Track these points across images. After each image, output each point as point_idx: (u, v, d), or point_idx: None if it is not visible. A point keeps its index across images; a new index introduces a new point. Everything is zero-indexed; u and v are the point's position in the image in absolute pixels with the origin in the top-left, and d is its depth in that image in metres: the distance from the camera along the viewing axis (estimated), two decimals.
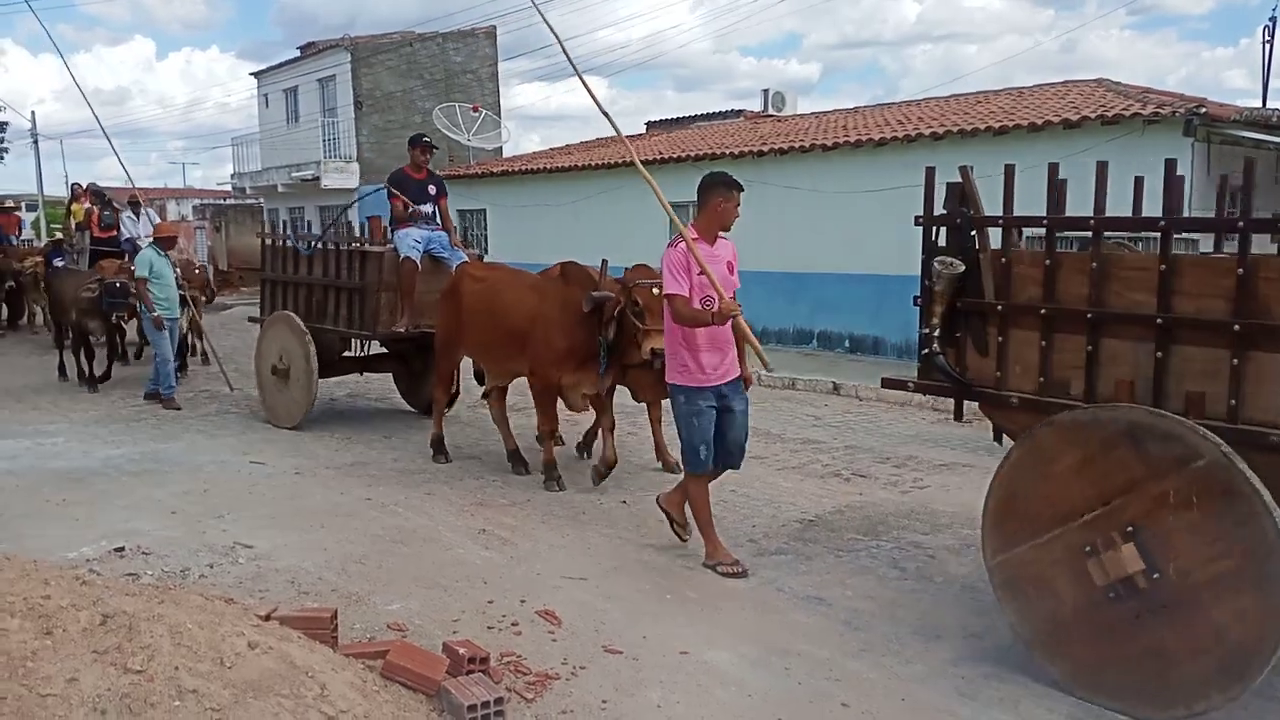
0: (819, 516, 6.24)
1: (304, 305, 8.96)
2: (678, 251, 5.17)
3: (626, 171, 16.19)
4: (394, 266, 8.23)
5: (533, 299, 6.94)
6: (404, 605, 4.70)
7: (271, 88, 27.95)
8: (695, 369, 5.15)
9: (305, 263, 9.02)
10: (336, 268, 8.63)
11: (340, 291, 8.58)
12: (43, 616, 3.04)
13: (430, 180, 8.73)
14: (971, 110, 13.50)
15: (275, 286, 9.44)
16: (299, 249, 9.12)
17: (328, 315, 8.74)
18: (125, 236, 14.26)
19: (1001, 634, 4.40)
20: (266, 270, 9.58)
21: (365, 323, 8.38)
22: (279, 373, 8.85)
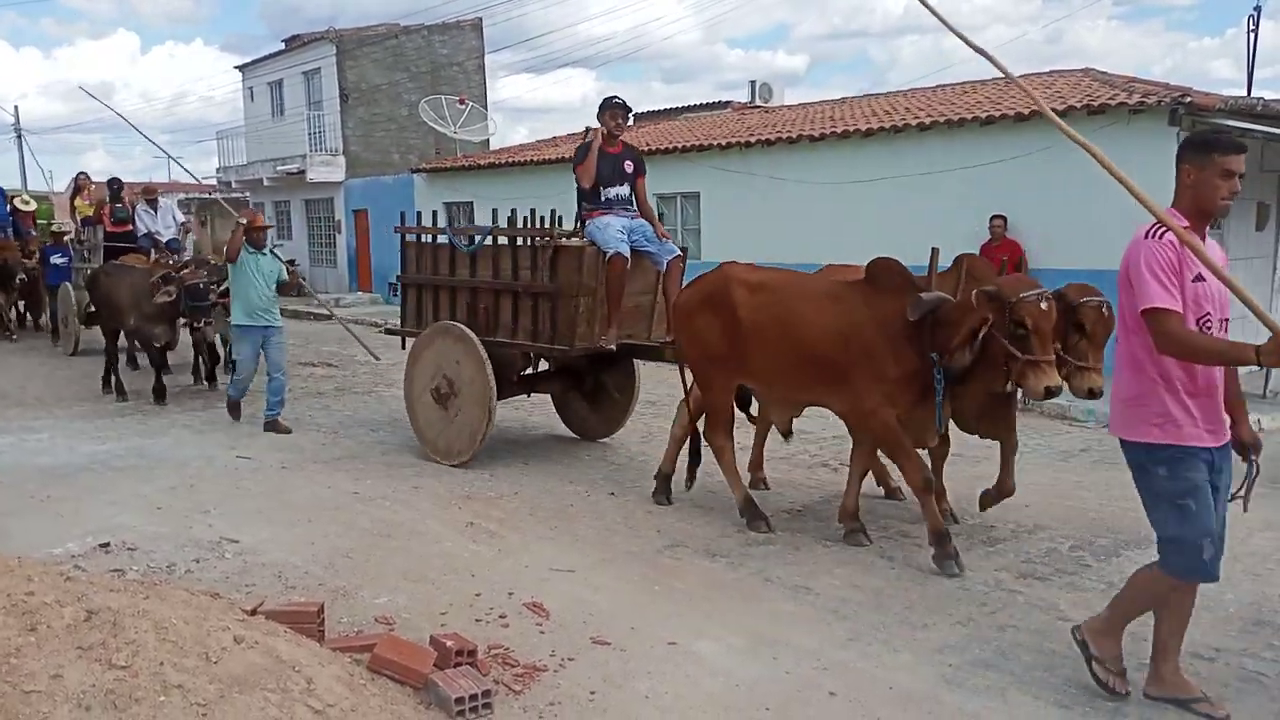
0: (806, 506, 6.26)
1: (467, 314, 7.43)
2: (1162, 245, 3.50)
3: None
4: (595, 265, 6.78)
5: (836, 312, 5.34)
6: (391, 599, 4.69)
7: (256, 81, 27.78)
8: (1185, 419, 3.46)
9: (467, 261, 7.46)
10: (515, 267, 7.10)
11: (521, 297, 7.07)
12: (27, 613, 3.02)
13: (626, 155, 7.15)
14: (958, 100, 13.51)
15: (424, 292, 7.84)
16: (457, 244, 7.52)
17: (502, 326, 7.23)
18: (143, 232, 13.05)
19: (988, 623, 4.43)
20: (410, 272, 7.97)
21: (558, 335, 6.87)
22: (441, 397, 7.30)
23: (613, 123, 6.97)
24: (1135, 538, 5.47)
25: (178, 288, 9.22)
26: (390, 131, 25.39)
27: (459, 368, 7.20)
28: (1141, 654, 3.88)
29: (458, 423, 7.25)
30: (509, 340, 7.22)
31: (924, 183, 12.10)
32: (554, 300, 6.85)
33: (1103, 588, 4.82)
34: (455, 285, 7.54)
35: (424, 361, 7.51)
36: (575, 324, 6.82)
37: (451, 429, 7.31)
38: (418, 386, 7.58)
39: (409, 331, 7.94)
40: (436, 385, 7.34)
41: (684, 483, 6.33)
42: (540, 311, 6.97)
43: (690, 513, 6.10)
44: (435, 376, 7.35)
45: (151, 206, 13.29)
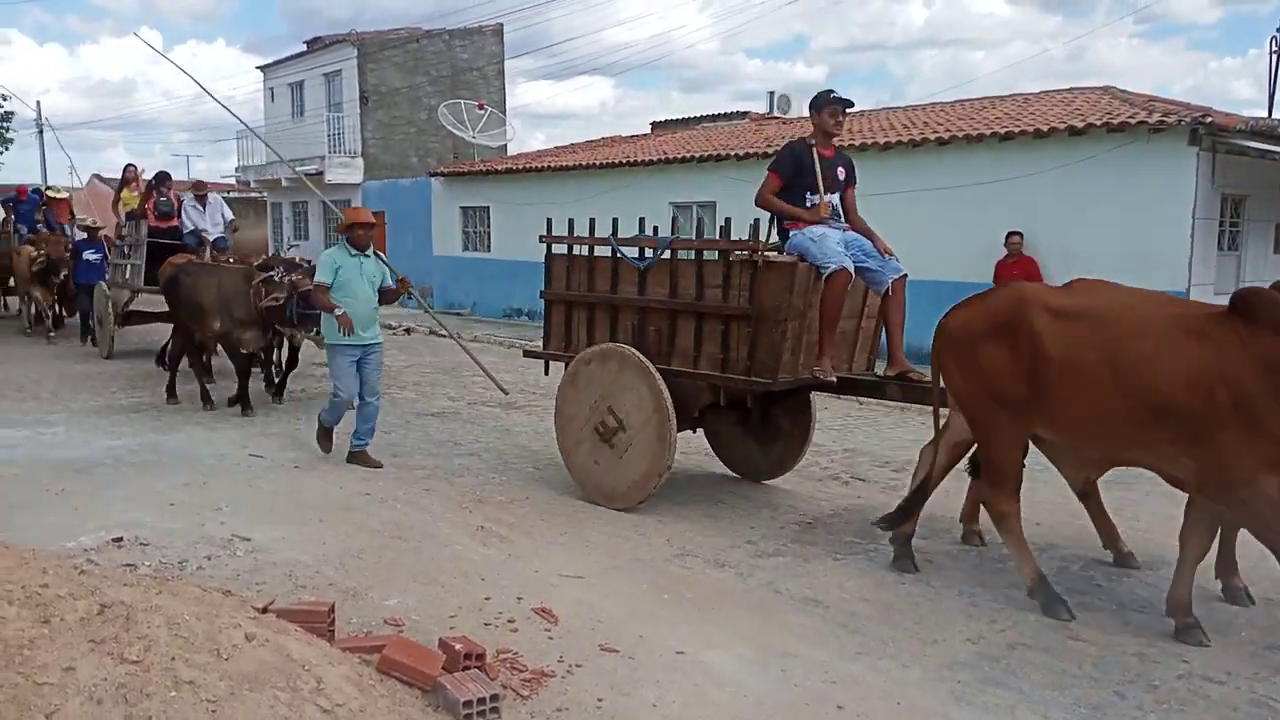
0: (817, 519, 6.24)
1: (632, 337, 6.40)
2: None
3: (630, 171, 16.23)
4: (807, 284, 5.81)
5: (1201, 353, 4.26)
6: (401, 600, 4.69)
7: (277, 82, 27.96)
8: None
9: (634, 277, 6.39)
10: (700, 285, 6.05)
11: (708, 319, 6.05)
12: (40, 605, 3.03)
13: (839, 160, 6.32)
14: (977, 116, 13.51)
15: (575, 311, 6.81)
16: (625, 257, 6.47)
17: (679, 353, 6.20)
18: (189, 229, 12.27)
19: (999, 640, 4.41)
20: (556, 287, 6.92)
21: (757, 365, 5.83)
22: (606, 432, 6.33)
23: (832, 120, 6.09)
24: (1146, 558, 5.43)
25: (289, 292, 8.42)
26: (409, 135, 25.51)
27: (629, 399, 6.20)
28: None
29: (626, 462, 6.27)
30: (689, 370, 6.16)
31: (941, 197, 12.09)
32: (753, 324, 5.82)
33: (1113, 607, 4.80)
34: (618, 303, 6.51)
35: (583, 391, 6.49)
36: (779, 353, 5.78)
37: (619, 470, 6.31)
38: (575, 420, 6.56)
39: (555, 355, 6.96)
40: (600, 419, 6.34)
41: (879, 521, 5.48)
42: (733, 337, 5.93)
43: (700, 522, 6.09)
44: (598, 409, 6.35)
45: (200, 203, 12.57)
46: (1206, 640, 4.37)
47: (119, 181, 14.22)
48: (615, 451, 6.32)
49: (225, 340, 9.26)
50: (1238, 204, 11.58)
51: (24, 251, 14.85)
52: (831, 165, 6.18)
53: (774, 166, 6.15)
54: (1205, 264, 10.77)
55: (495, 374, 8.84)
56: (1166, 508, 6.47)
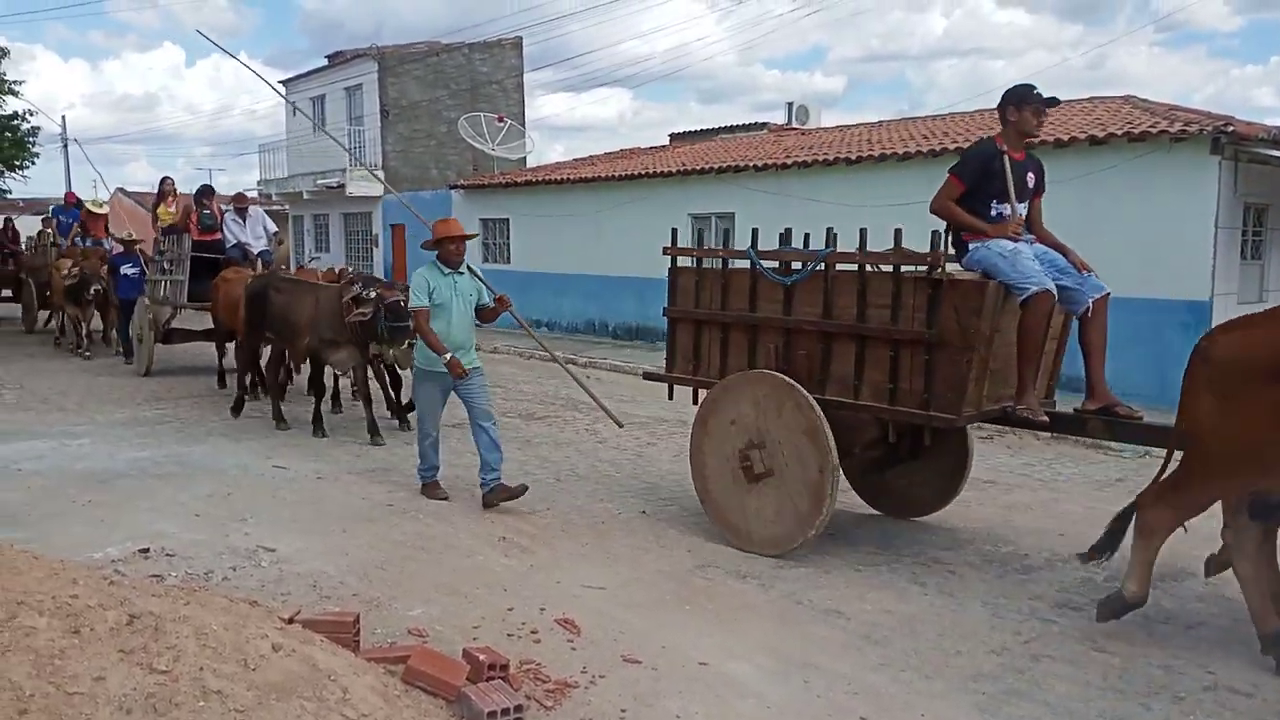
0: (839, 530, 6.22)
1: (780, 362, 5.71)
2: None
3: (649, 182, 16.28)
4: (996, 305, 5.07)
5: None
6: (425, 611, 4.72)
7: (299, 96, 28.21)
8: None
9: (778, 294, 5.75)
10: (863, 304, 5.38)
11: (872, 344, 5.35)
12: (70, 615, 3.07)
13: (1030, 165, 5.54)
14: (997, 125, 13.45)
15: (705, 331, 6.19)
16: (766, 272, 5.81)
17: (834, 381, 5.52)
18: (232, 242, 12.06)
19: (1023, 652, 4.39)
20: (685, 304, 6.29)
21: (938, 398, 5.11)
22: (752, 469, 5.64)
23: (1034, 120, 5.38)
24: (1171, 570, 5.40)
25: (376, 306, 8.01)
26: (429, 148, 25.70)
27: (781, 432, 5.53)
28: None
29: (777, 503, 5.59)
30: (847, 400, 5.48)
31: None
32: (932, 351, 5.11)
33: (1139, 619, 4.76)
34: (758, 323, 5.87)
35: (724, 421, 5.82)
36: (964, 385, 5.03)
37: (768, 511, 5.63)
38: (714, 453, 5.91)
39: (681, 379, 6.40)
40: (746, 454, 5.67)
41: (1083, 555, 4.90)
42: (905, 365, 5.22)
43: (721, 534, 6.08)
44: (742, 442, 5.70)
45: (240, 216, 12.34)
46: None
47: (155, 195, 14.04)
48: (763, 491, 5.62)
49: (314, 358, 8.88)
50: (1260, 213, 11.49)
51: (60, 265, 14.69)
52: (1022, 170, 5.43)
53: (957, 170, 5.45)
54: (1228, 273, 10.69)
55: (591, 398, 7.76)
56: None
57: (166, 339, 12.34)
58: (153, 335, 12.21)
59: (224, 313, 10.78)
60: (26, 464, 7.62)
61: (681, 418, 10.09)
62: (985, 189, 5.38)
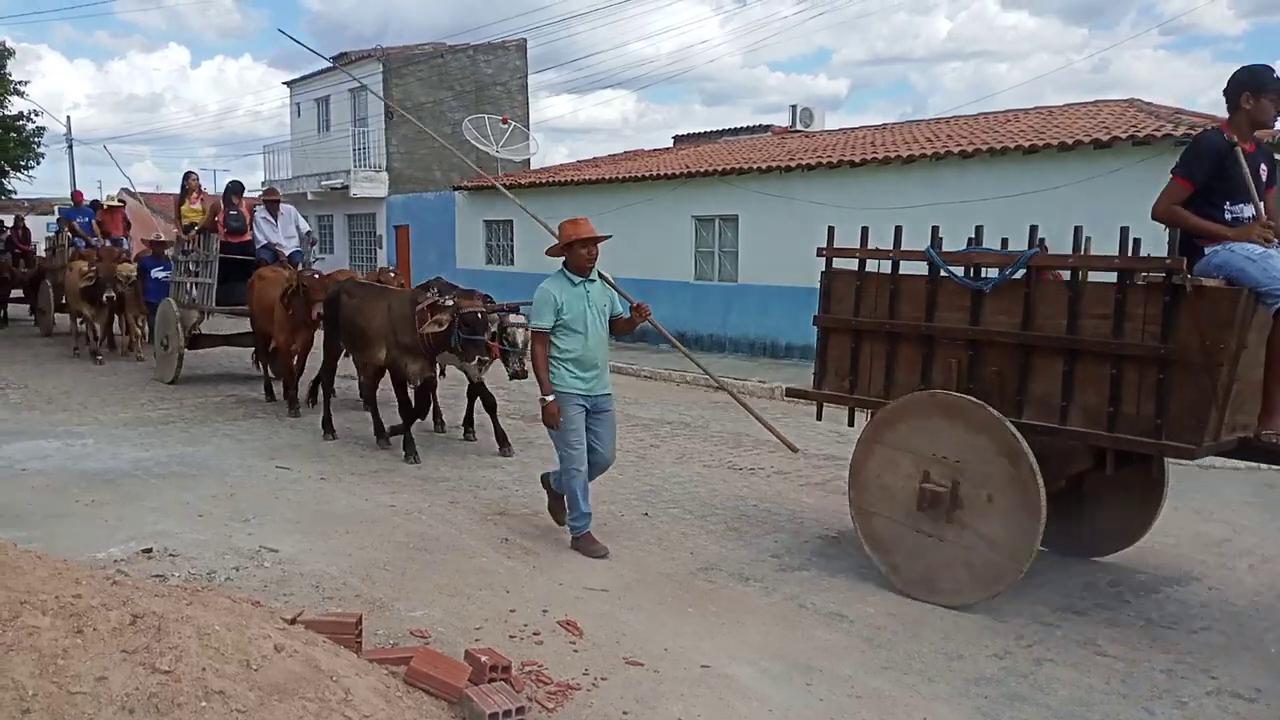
0: (842, 533, 6.22)
1: (963, 380, 5.01)
2: None
3: (653, 185, 16.29)
4: (1248, 316, 4.35)
5: None
6: (427, 612, 4.72)
7: (304, 97, 28.28)
8: None
9: (965, 300, 5.05)
10: (1077, 313, 4.64)
11: (1086, 359, 4.63)
12: (74, 615, 3.07)
13: (1260, 157, 4.82)
14: (1001, 129, 13.47)
15: (866, 342, 5.48)
16: (951, 276, 5.12)
17: (1034, 402, 4.80)
18: (262, 243, 11.34)
19: (1025, 656, 4.39)
20: (842, 311, 5.59)
21: (1176, 424, 4.41)
22: (934, 504, 4.91)
23: (1274, 110, 4.63)
24: (1176, 573, 5.39)
25: (452, 316, 7.51)
26: (433, 149, 25.72)
27: (973, 461, 4.78)
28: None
29: (966, 544, 4.82)
30: (1051, 424, 4.74)
31: (965, 211, 12.03)
32: (1167, 369, 4.42)
33: (1141, 623, 4.76)
34: (934, 334, 5.16)
35: (898, 448, 5.09)
36: (1206, 409, 4.35)
37: (955, 554, 4.87)
38: (884, 486, 5.17)
39: (835, 398, 5.69)
40: (926, 487, 4.93)
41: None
42: (1131, 386, 4.52)
43: (724, 536, 6.09)
44: (922, 473, 4.97)
45: (271, 214, 11.51)
46: None
47: (179, 193, 13.31)
48: (948, 530, 4.87)
49: (393, 370, 8.28)
50: None
51: (76, 267, 14.00)
52: (1254, 164, 4.72)
53: (1183, 170, 4.77)
54: None
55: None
56: (1195, 523, 6.42)
57: (193, 344, 11.76)
58: (181, 341, 11.54)
59: (260, 316, 10.37)
60: (31, 464, 7.64)
61: (684, 419, 10.11)
62: (1219, 190, 4.70)
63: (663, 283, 15.88)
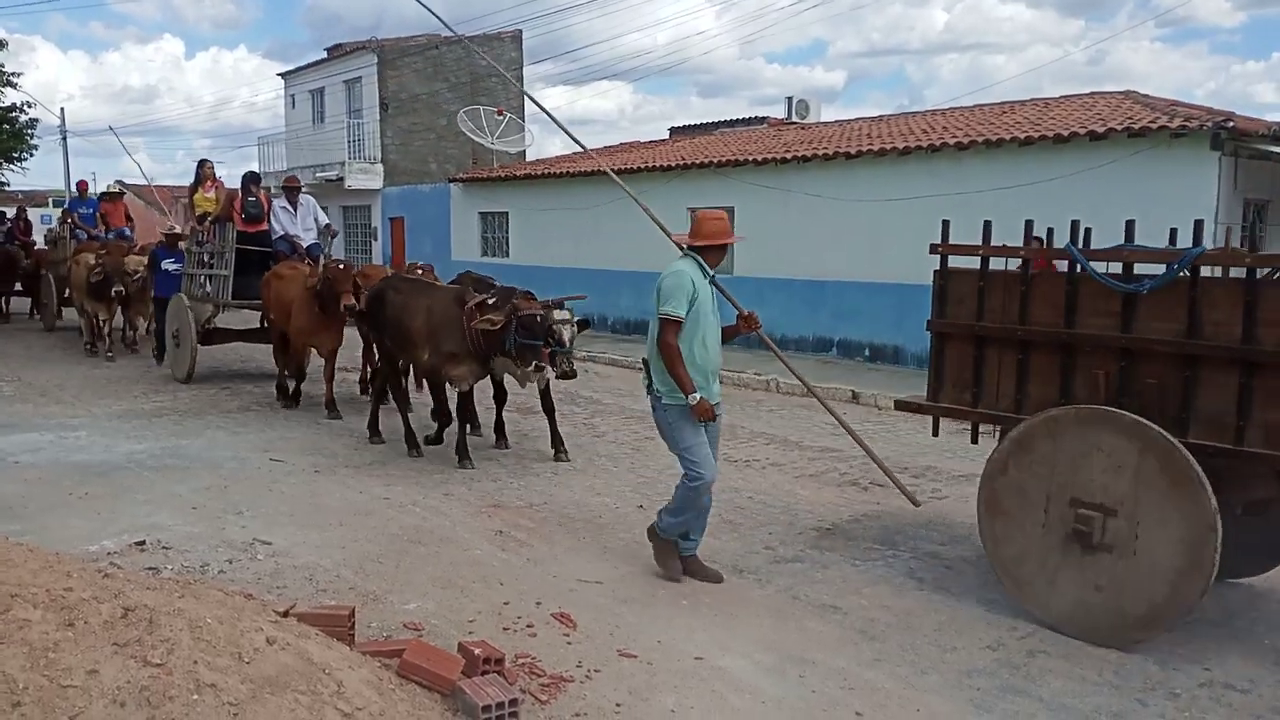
0: (836, 525, 6.23)
1: (1112, 393, 4.51)
2: None
3: (649, 176, 16.26)
4: None
5: None
6: (420, 605, 4.72)
7: (298, 88, 28.16)
8: None
9: (1115, 305, 4.53)
10: (1253, 321, 4.13)
11: (1274, 372, 4.12)
12: (65, 608, 3.06)
13: None
14: (997, 120, 13.46)
15: (998, 351, 4.97)
16: (1097, 276, 4.57)
17: (1207, 420, 4.30)
18: (279, 233, 10.87)
19: (1019, 647, 4.39)
20: (962, 315, 5.11)
21: None
22: (1088, 534, 4.39)
23: None
24: None
25: (508, 317, 7.02)
26: (429, 141, 25.66)
27: (1135, 488, 4.27)
28: None
29: (1126, 579, 4.32)
30: (1224, 445, 4.23)
31: (960, 202, 12.03)
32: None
33: None
34: (1076, 342, 4.66)
35: (1042, 470, 4.57)
36: None
37: (1113, 588, 4.36)
38: (1025, 511, 4.65)
39: (956, 412, 5.23)
40: (1078, 514, 4.43)
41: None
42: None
43: (718, 528, 6.08)
44: (1071, 498, 4.46)
45: (290, 203, 11.01)
46: None
47: (192, 181, 12.75)
48: (1100, 562, 4.39)
49: (432, 374, 7.80)
50: (1260, 209, 11.48)
51: (82, 260, 13.50)
52: None
53: None
54: None
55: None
56: None
57: (206, 340, 11.26)
58: (193, 336, 11.02)
59: (277, 313, 9.99)
60: (24, 456, 7.62)
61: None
62: None
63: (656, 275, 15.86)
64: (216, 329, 11.47)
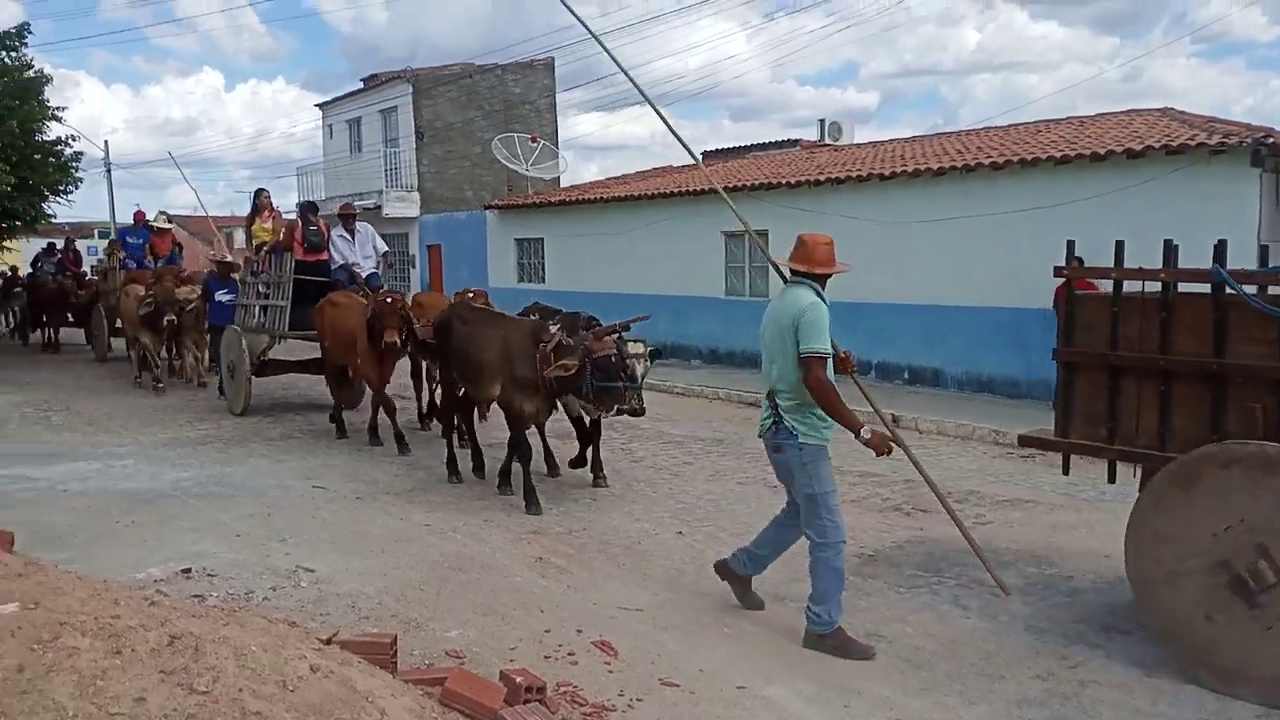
0: (879, 551, 6.16)
1: (1273, 427, 4.14)
2: None
3: (681, 200, 16.30)
4: None
5: None
6: (462, 632, 4.72)
7: (335, 118, 28.61)
8: None
9: (1273, 331, 4.17)
10: None
11: None
12: (112, 636, 3.09)
13: None
14: (1032, 140, 13.36)
15: (1135, 382, 4.60)
16: (1251, 301, 4.20)
17: None
18: (338, 262, 10.57)
19: (1069, 677, 4.31)
20: (1094, 343, 4.77)
21: None
22: (1253, 585, 3.99)
23: None
24: None
25: (582, 360, 6.59)
26: (464, 168, 25.92)
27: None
28: None
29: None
30: None
31: (996, 223, 11.96)
32: None
33: None
34: (1228, 373, 4.27)
35: (1202, 512, 4.13)
36: None
37: (1273, 644, 3.98)
38: (1179, 556, 4.22)
39: (1089, 447, 4.85)
40: (1242, 562, 4.02)
41: None
42: None
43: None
44: (1235, 545, 4.04)
45: (348, 231, 10.77)
46: None
47: (249, 211, 12.57)
48: (1268, 616, 3.98)
49: (507, 409, 7.36)
50: None
51: (132, 291, 13.43)
52: None
53: None
54: None
55: None
56: None
57: (260, 371, 11.11)
58: (248, 367, 10.86)
59: (331, 343, 9.80)
60: (73, 485, 7.74)
61: (718, 436, 10.07)
62: None
63: (693, 299, 15.87)
64: (272, 360, 11.31)
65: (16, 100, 15.87)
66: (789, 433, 4.63)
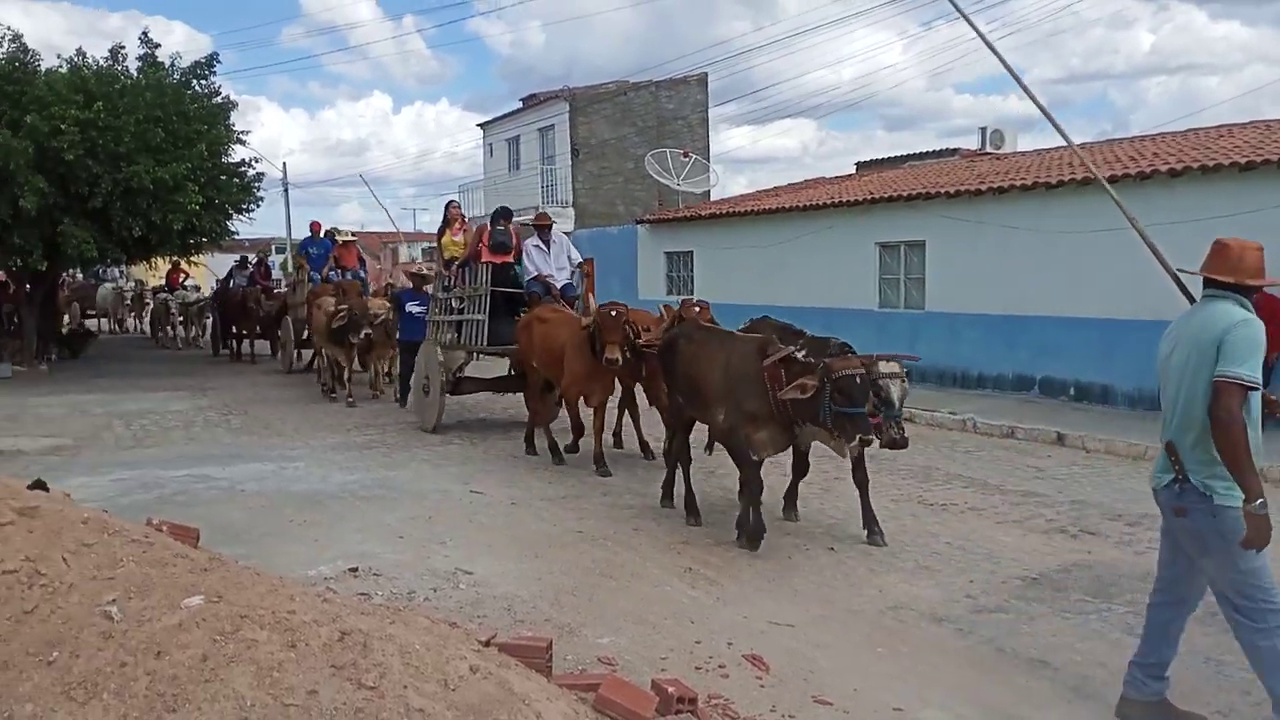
0: (1042, 574, 5.89)
1: None
2: None
3: (835, 211, 16.07)
4: None
5: None
6: (614, 639, 4.76)
7: (496, 137, 29.55)
8: None
9: None
10: None
11: None
12: (288, 630, 3.25)
13: None
14: (1213, 145, 12.57)
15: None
16: None
17: None
18: (532, 273, 10.10)
19: (1252, 715, 4.01)
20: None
21: None
22: None
23: None
24: None
25: (820, 380, 5.71)
26: (617, 184, 26.33)
27: None
28: None
29: None
30: None
31: (1174, 232, 11.28)
32: None
33: None
34: None
35: None
36: None
37: None
38: None
39: None
40: None
41: None
42: None
43: (914, 573, 5.87)
44: None
45: (543, 241, 10.26)
46: None
47: (440, 224, 12.26)
48: None
49: (731, 437, 6.52)
50: None
51: (324, 303, 13.22)
52: None
53: None
54: None
55: None
56: None
57: (454, 389, 10.70)
58: (441, 385, 10.52)
59: (540, 360, 9.20)
60: (249, 484, 8.22)
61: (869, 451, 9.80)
62: None
63: (846, 311, 15.60)
64: (466, 377, 10.95)
65: (206, 125, 17.01)
66: (1198, 493, 3.69)
